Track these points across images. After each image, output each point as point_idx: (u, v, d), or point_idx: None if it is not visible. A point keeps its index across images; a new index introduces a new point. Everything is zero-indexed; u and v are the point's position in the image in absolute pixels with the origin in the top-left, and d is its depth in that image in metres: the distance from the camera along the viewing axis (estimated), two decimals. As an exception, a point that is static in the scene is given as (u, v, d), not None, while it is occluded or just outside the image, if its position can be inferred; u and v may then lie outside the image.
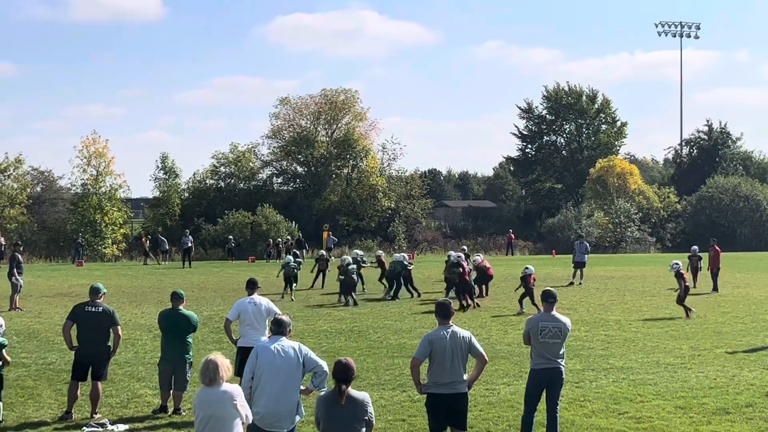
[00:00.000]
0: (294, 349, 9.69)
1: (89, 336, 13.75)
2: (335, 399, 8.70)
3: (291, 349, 9.69)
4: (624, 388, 15.52)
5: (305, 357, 9.69)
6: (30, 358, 19.09)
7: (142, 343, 21.18)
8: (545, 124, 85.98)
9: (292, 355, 9.65)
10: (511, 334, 22.05)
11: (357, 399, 8.74)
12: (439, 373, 10.31)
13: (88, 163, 64.64)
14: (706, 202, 75.90)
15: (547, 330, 11.59)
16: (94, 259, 60.36)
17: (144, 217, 76.06)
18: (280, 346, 9.69)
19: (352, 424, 8.72)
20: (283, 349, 9.67)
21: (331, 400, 8.74)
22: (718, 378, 16.39)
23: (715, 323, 24.22)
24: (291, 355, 9.64)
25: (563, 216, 72.55)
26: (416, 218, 76.42)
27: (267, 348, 9.74)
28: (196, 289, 35.40)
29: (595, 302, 29.87)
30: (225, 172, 74.60)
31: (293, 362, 9.62)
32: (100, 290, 14.01)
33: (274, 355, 9.62)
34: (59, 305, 29.08)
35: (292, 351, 9.68)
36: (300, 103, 76.69)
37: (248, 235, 63.11)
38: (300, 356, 9.67)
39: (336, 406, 8.69)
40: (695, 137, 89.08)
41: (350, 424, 8.71)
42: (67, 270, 49.04)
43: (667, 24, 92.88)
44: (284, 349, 9.66)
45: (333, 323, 24.79)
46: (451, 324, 10.51)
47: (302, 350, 9.74)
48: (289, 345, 9.73)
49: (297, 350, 9.70)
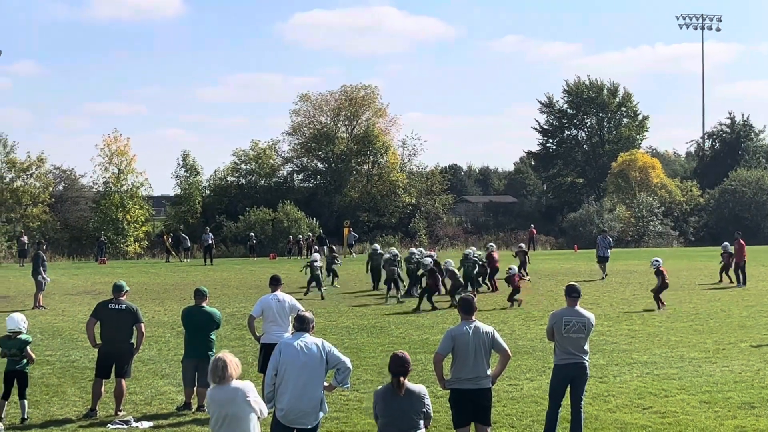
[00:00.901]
0: (317, 346, 9.68)
1: (112, 333, 13.79)
2: (393, 392, 8.70)
3: (314, 345, 9.68)
4: (648, 383, 15.43)
5: (328, 353, 9.68)
6: (54, 355, 19.20)
7: (165, 340, 21.25)
8: (566, 118, 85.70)
9: (315, 351, 9.63)
10: (534, 330, 21.99)
11: (414, 391, 8.76)
12: (463, 369, 10.27)
13: (110, 161, 64.97)
14: (729, 195, 75.44)
15: (570, 325, 11.53)
16: (117, 257, 60.65)
17: (165, 214, 76.39)
18: (303, 343, 9.68)
19: (410, 417, 8.72)
20: (306, 345, 9.66)
21: (389, 394, 8.74)
22: (743, 372, 16.27)
23: (740, 317, 24.06)
24: (314, 352, 9.63)
25: (585, 210, 72.29)
26: (437, 214, 76.36)
27: (290, 344, 9.73)
28: (219, 286, 35.48)
29: (618, 297, 29.75)
30: (246, 169, 74.74)
31: (316, 359, 9.61)
32: (123, 288, 14.06)
33: (297, 351, 9.61)
34: (82, 303, 29.22)
35: (315, 347, 9.66)
36: (320, 99, 76.80)
37: (269, 232, 63.25)
38: (323, 353, 9.65)
39: (394, 399, 8.70)
40: (717, 130, 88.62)
41: (409, 417, 8.71)
42: (89, 268, 49.29)
43: (689, 16, 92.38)
44: (307, 346, 9.65)
45: (355, 319, 24.79)
46: (474, 319, 10.47)
47: (325, 346, 9.73)
48: (312, 341, 9.72)
49: (320, 346, 9.68)
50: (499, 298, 29.17)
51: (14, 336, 13.38)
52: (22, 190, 64.02)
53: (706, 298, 28.85)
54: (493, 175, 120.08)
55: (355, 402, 14.49)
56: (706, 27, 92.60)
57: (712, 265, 42.57)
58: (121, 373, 13.82)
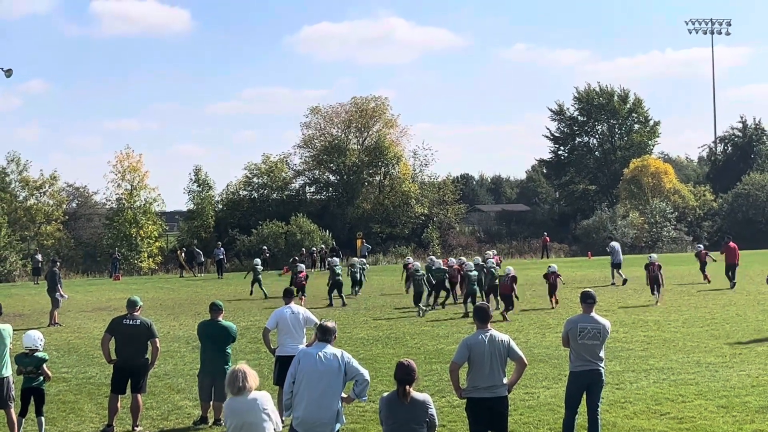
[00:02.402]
0: (336, 356, 9.72)
1: (127, 349, 13.82)
2: (398, 400, 8.78)
3: (333, 356, 9.72)
4: (665, 389, 15.38)
5: (347, 364, 9.70)
6: (70, 372, 19.25)
7: (180, 355, 21.28)
8: (577, 125, 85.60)
9: (334, 361, 9.67)
10: (549, 338, 21.94)
11: (418, 400, 8.83)
12: (479, 377, 10.26)
13: (123, 177, 65.18)
14: (742, 199, 75.19)
15: (586, 331, 11.51)
16: (131, 273, 60.79)
17: (179, 230, 76.53)
18: (323, 353, 9.73)
19: (414, 425, 8.80)
20: (325, 355, 9.71)
21: (394, 401, 8.83)
22: (760, 376, 16.20)
23: (756, 321, 23.96)
24: (333, 362, 9.67)
25: (598, 217, 72.15)
26: (450, 224, 76.31)
27: (310, 354, 9.79)
28: (233, 299, 35.53)
29: (633, 303, 29.67)
30: (258, 182, 74.88)
31: (335, 369, 9.64)
32: (137, 303, 14.10)
33: (315, 361, 9.66)
34: (98, 319, 29.30)
35: (335, 358, 9.71)
36: (330, 111, 76.93)
37: (283, 245, 63.31)
38: (342, 363, 9.68)
39: (399, 407, 8.77)
40: (729, 134, 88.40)
41: (412, 425, 8.80)
42: (104, 284, 49.42)
43: (698, 21, 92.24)
44: (326, 356, 9.70)
45: (370, 330, 24.78)
46: (490, 328, 10.46)
47: (345, 357, 9.75)
48: (331, 352, 9.76)
49: (340, 357, 9.72)
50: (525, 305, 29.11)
51: (31, 353, 13.42)
52: (36, 209, 64.29)
53: (722, 302, 28.75)
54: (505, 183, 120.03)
55: (371, 413, 14.46)
56: (716, 31, 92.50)
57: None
58: (137, 388, 13.84)
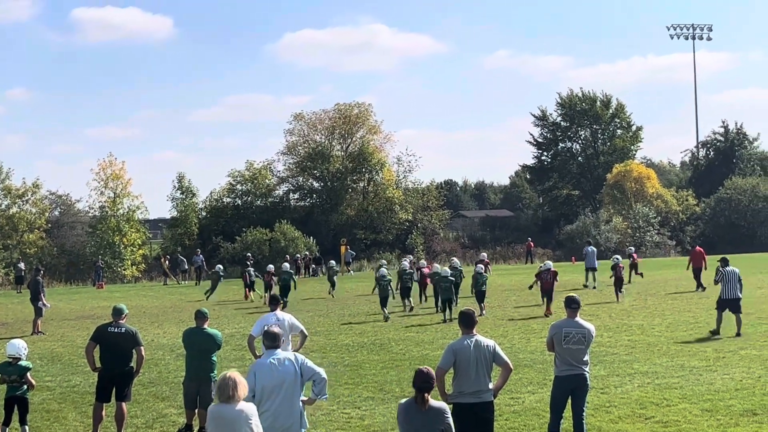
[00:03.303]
0: (290, 360, 9.75)
1: (112, 357, 13.76)
2: (415, 407, 8.81)
3: (287, 360, 9.75)
4: (649, 393, 15.43)
5: (302, 365, 9.74)
6: (54, 381, 19.15)
7: (165, 362, 21.21)
8: (560, 131, 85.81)
9: (289, 366, 9.70)
10: (534, 342, 21.98)
11: (435, 407, 8.86)
12: (465, 383, 10.28)
13: (106, 185, 64.88)
14: (724, 203, 75.54)
15: (570, 336, 11.55)
16: (114, 281, 60.55)
17: (162, 237, 76.27)
18: (276, 359, 9.73)
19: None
20: (279, 361, 9.72)
21: (411, 408, 8.85)
22: (744, 379, 16.27)
23: (739, 325, 24.05)
24: (288, 367, 9.69)
25: (581, 222, 72.33)
26: (434, 229, 76.35)
27: (263, 363, 9.78)
28: (217, 307, 35.44)
29: (618, 307, 29.76)
30: (241, 189, 74.75)
31: (291, 373, 9.66)
32: (123, 311, 14.05)
33: (270, 369, 9.66)
34: (81, 328, 29.18)
35: (289, 362, 9.73)
36: (314, 118, 76.87)
37: (267, 252, 63.18)
38: (297, 366, 9.71)
39: (416, 414, 8.80)
40: (711, 139, 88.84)
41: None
42: (87, 293, 49.21)
43: (680, 26, 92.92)
44: (280, 362, 9.72)
45: (355, 336, 24.77)
46: (475, 333, 10.48)
47: (299, 359, 9.79)
48: (284, 356, 9.78)
49: (293, 360, 9.76)
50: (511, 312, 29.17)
51: (14, 362, 13.36)
52: (18, 217, 63.89)
53: (705, 306, 28.84)
54: (489, 189, 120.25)
55: (357, 419, 14.46)
56: (697, 36, 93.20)
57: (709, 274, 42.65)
58: (122, 396, 13.79)
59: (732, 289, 22.73)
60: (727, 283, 22.85)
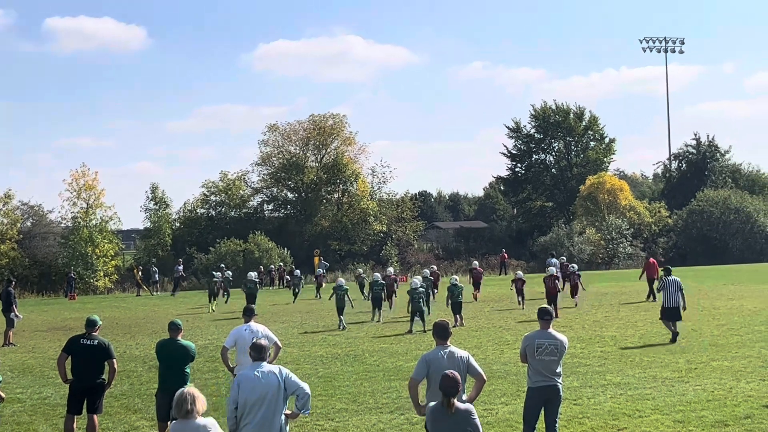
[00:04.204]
0: (274, 373, 9.75)
1: (84, 369, 13.68)
2: (443, 410, 9.01)
3: (271, 373, 9.74)
4: (622, 404, 15.49)
5: (286, 379, 9.74)
6: (25, 393, 18.99)
7: (137, 374, 21.09)
8: (534, 142, 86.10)
9: (273, 379, 9.70)
10: (508, 354, 22.03)
11: (462, 410, 9.05)
12: (438, 394, 10.28)
13: (78, 196, 64.48)
14: (696, 215, 76.00)
15: (543, 347, 11.59)
16: (87, 292, 60.15)
17: (135, 248, 75.90)
18: (260, 372, 9.73)
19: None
20: (263, 374, 9.72)
21: (439, 412, 9.05)
22: (715, 390, 16.37)
23: (711, 336, 24.23)
24: (272, 380, 9.69)
25: (555, 234, 72.55)
26: (408, 241, 76.41)
27: (247, 375, 9.77)
28: (191, 318, 35.30)
29: (591, 319, 29.87)
30: (215, 200, 74.60)
31: (274, 386, 9.66)
32: (96, 323, 13.97)
33: (254, 381, 9.66)
34: (53, 339, 28.97)
35: (273, 375, 9.73)
36: (288, 129, 76.82)
37: (241, 263, 63.01)
38: (281, 380, 9.71)
39: (443, 417, 8.99)
40: (683, 151, 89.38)
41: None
42: (59, 304, 48.87)
43: (652, 39, 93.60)
44: (264, 374, 9.72)
45: (329, 348, 24.73)
46: (449, 344, 10.51)
47: (283, 373, 9.79)
48: (269, 369, 9.78)
49: (278, 374, 9.75)
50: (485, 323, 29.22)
51: (-16, 374, 13.24)
52: (-10, 227, 63.44)
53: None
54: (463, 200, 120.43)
55: (330, 431, 14.43)
56: (669, 49, 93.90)
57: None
58: (93, 408, 13.70)
59: (673, 297, 23.55)
60: (668, 291, 23.69)
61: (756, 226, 75.02)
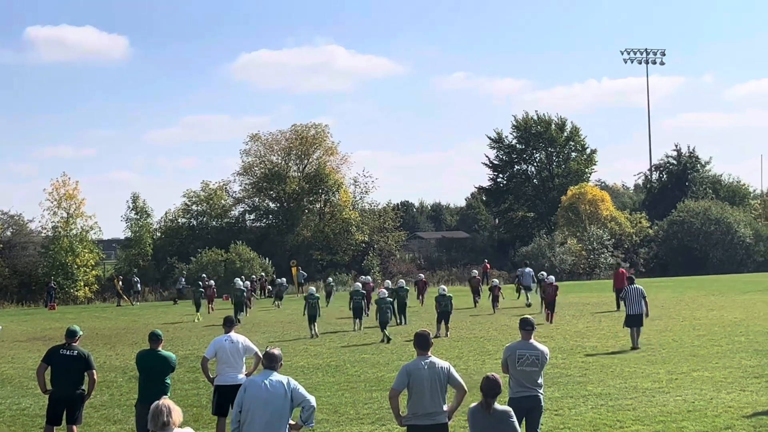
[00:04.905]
0: (282, 383, 9.76)
1: (64, 379, 13.60)
2: (482, 411, 9.50)
3: (279, 383, 9.75)
4: (603, 415, 15.50)
5: (293, 391, 9.74)
6: (4, 403, 18.86)
7: (117, 385, 20.98)
8: (515, 153, 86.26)
9: (280, 388, 9.71)
10: (489, 364, 22.01)
11: (500, 410, 9.56)
12: (419, 404, 10.28)
13: (59, 205, 64.26)
14: (677, 226, 76.33)
15: (524, 358, 11.60)
16: (67, 302, 59.86)
17: (116, 258, 75.60)
18: (269, 381, 9.76)
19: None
20: (271, 383, 9.74)
21: (479, 413, 9.55)
22: (696, 401, 16.41)
23: (691, 346, 24.30)
24: (279, 389, 9.70)
25: (537, 244, 72.70)
26: (390, 251, 76.42)
27: (255, 382, 9.83)
28: (171, 328, 35.16)
29: (572, 329, 29.91)
30: (197, 210, 74.42)
31: (281, 396, 9.66)
32: (77, 333, 13.89)
33: (261, 389, 9.68)
34: (32, 350, 28.79)
35: (281, 385, 9.74)
36: (270, 139, 76.83)
37: (222, 273, 62.87)
38: (288, 390, 9.72)
39: (484, 417, 9.48)
40: (664, 162, 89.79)
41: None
42: (39, 314, 48.60)
43: (633, 51, 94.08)
44: (272, 383, 9.73)
45: (310, 359, 24.67)
46: (430, 355, 10.50)
47: (291, 384, 9.80)
48: (277, 379, 9.79)
49: (285, 384, 9.76)
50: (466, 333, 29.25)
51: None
52: (-30, 237, 63.11)
53: (658, 328, 29.12)
54: (445, 210, 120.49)
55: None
56: (650, 61, 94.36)
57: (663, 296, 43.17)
58: (73, 419, 13.62)
59: (636, 304, 24.77)
60: (630, 299, 24.90)
61: (736, 237, 75.44)
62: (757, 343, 24.27)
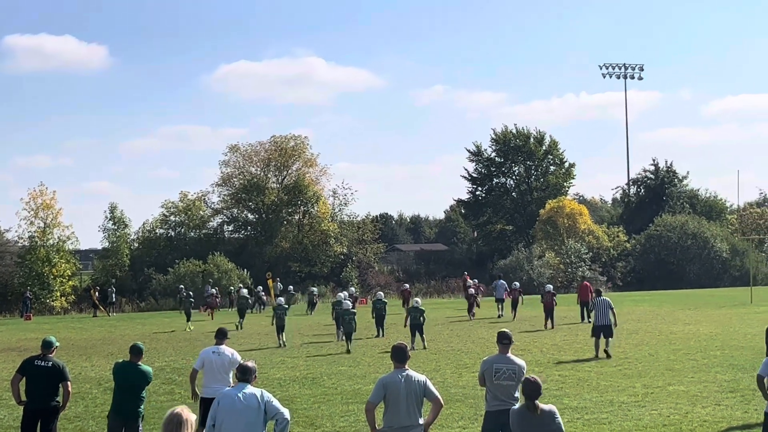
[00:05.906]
0: (255, 396, 9.75)
1: (38, 391, 13.50)
2: (527, 413, 9.72)
3: (252, 395, 9.75)
4: (579, 428, 15.54)
5: (267, 403, 9.72)
6: (-23, 415, 18.70)
7: (92, 396, 20.84)
8: (494, 166, 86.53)
9: (253, 401, 9.70)
10: (466, 377, 22.04)
11: (546, 411, 9.81)
12: (395, 417, 10.28)
13: (35, 215, 63.93)
14: (654, 240, 76.75)
15: (501, 372, 11.62)
16: (43, 313, 59.49)
17: (93, 268, 75.23)
18: (242, 393, 9.75)
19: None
20: (244, 395, 9.74)
21: (524, 414, 9.77)
22: (671, 415, 16.48)
23: (667, 360, 24.41)
24: (252, 402, 9.69)
25: (515, 257, 72.91)
26: (369, 263, 76.40)
27: (229, 395, 9.82)
28: (148, 339, 34.99)
29: (549, 342, 29.98)
30: (175, 221, 74.19)
31: (254, 409, 9.65)
32: (53, 344, 13.79)
33: (234, 401, 9.67)
34: (7, 360, 28.58)
35: (254, 397, 9.73)
36: (250, 150, 76.73)
37: (200, 284, 62.63)
38: (261, 403, 9.70)
39: (529, 419, 9.69)
40: (642, 176, 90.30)
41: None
42: (15, 324, 48.27)
43: (612, 66, 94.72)
44: (245, 396, 9.73)
45: (286, 371, 24.61)
46: (407, 368, 10.50)
47: (264, 396, 9.78)
48: (251, 392, 9.78)
49: (259, 397, 9.75)
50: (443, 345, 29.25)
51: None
52: (-55, 247, 62.65)
53: (634, 342, 29.23)
54: (424, 223, 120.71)
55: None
56: (629, 76, 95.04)
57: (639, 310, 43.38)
58: (47, 431, 13.51)
59: (603, 316, 25.78)
60: (599, 311, 25.97)
61: (713, 252, 75.91)
62: (732, 358, 24.41)
